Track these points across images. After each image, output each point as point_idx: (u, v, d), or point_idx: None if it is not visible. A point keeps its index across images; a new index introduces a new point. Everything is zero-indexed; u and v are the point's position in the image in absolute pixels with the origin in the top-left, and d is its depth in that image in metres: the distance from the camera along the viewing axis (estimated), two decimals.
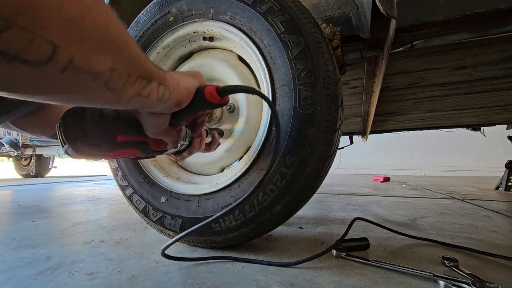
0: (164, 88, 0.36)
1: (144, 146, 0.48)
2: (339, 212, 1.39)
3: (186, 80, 0.42)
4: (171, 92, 0.38)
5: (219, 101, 0.44)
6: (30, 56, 0.21)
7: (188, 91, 0.42)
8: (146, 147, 0.48)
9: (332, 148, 0.71)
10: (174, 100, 0.39)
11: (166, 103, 0.38)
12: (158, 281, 0.58)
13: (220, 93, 0.43)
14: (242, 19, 0.74)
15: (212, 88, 0.43)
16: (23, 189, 2.65)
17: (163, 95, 0.36)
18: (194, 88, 0.43)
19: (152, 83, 0.34)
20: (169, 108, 0.40)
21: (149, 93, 0.34)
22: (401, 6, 0.78)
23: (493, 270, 0.66)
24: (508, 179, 2.55)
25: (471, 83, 1.41)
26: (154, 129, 0.44)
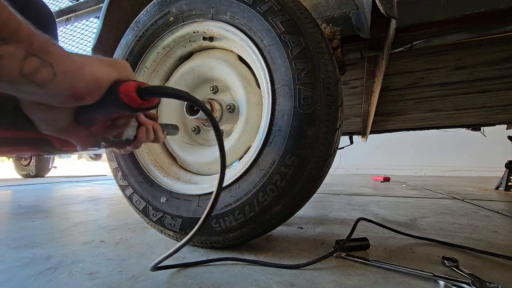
0: (40, 63, 0.26)
1: (44, 144, 0.38)
2: (339, 212, 1.39)
3: (98, 68, 0.31)
4: (58, 75, 0.27)
5: (140, 105, 0.32)
6: None
7: (97, 83, 0.31)
8: (48, 145, 0.39)
9: (332, 148, 0.71)
10: (66, 88, 0.28)
11: (47, 89, 0.27)
12: (158, 281, 0.58)
13: (141, 95, 0.32)
14: (242, 19, 0.74)
15: (132, 86, 0.32)
16: (23, 189, 2.65)
17: (36, 73, 0.26)
18: (109, 81, 0.32)
19: (11, 46, 0.24)
20: (59, 100, 0.29)
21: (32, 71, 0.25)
22: (401, 6, 0.78)
23: (493, 270, 0.66)
24: (508, 179, 2.55)
25: (471, 83, 1.41)
26: (45, 126, 0.33)
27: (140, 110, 0.34)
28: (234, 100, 0.88)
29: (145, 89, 0.32)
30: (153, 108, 0.35)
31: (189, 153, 0.91)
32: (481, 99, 1.68)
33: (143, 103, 0.33)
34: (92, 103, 0.32)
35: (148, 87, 0.33)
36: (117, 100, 0.32)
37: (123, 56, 0.93)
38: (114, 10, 1.10)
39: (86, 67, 0.30)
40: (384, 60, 0.95)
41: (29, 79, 0.25)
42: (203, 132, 0.93)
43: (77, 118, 0.34)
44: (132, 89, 0.32)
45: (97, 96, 0.31)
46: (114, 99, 0.32)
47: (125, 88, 0.32)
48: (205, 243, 0.77)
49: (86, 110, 0.33)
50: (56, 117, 0.32)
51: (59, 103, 0.30)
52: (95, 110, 0.33)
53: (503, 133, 2.99)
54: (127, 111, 0.33)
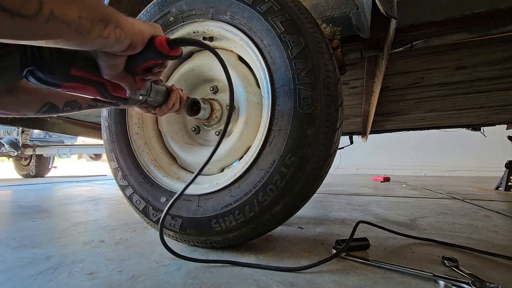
0: (120, 30, 0.41)
1: (101, 87, 0.50)
2: (339, 212, 1.39)
3: (142, 26, 0.45)
4: (126, 34, 0.42)
5: (169, 52, 0.46)
6: (25, 11, 0.29)
7: (142, 36, 0.45)
8: (104, 88, 0.51)
9: (332, 148, 0.71)
10: (128, 40, 0.42)
11: (122, 44, 0.42)
12: (158, 281, 0.58)
13: (170, 44, 0.45)
14: (242, 19, 0.74)
15: (163, 38, 0.45)
16: (23, 189, 2.65)
17: (120, 36, 0.41)
18: (149, 34, 0.46)
19: (110, 25, 0.39)
20: (123, 49, 0.43)
21: (108, 34, 0.39)
22: (401, 6, 0.78)
23: (493, 270, 0.66)
24: (508, 179, 2.55)
25: (471, 83, 1.41)
26: (109, 70, 0.47)
27: (169, 57, 0.47)
28: (234, 100, 0.88)
29: (173, 40, 0.46)
30: (178, 57, 0.49)
31: (189, 153, 0.91)
32: (481, 99, 1.68)
33: (170, 51, 0.46)
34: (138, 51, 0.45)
35: (174, 38, 0.46)
36: (154, 48, 0.45)
37: None
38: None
39: (136, 26, 0.44)
40: (384, 60, 0.95)
41: (118, 41, 0.41)
42: (203, 132, 0.93)
43: (127, 67, 0.47)
44: (163, 40, 0.45)
45: (142, 45, 0.45)
46: (151, 47, 0.45)
47: (159, 39, 0.45)
48: (205, 243, 0.77)
49: (132, 59, 0.46)
50: (118, 63, 0.46)
51: (123, 52, 0.44)
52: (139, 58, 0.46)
53: (503, 133, 2.99)
54: (160, 57, 0.46)
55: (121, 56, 0.45)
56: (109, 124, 0.95)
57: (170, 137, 0.95)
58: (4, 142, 4.37)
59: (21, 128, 4.32)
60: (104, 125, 0.96)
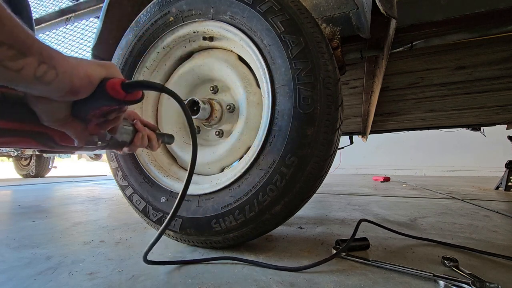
0: (47, 67, 0.32)
1: (42, 137, 0.42)
2: (339, 212, 1.39)
3: (89, 67, 0.37)
4: (59, 75, 0.34)
5: (125, 97, 0.38)
6: None
7: (89, 79, 0.37)
8: (48, 139, 0.43)
9: (332, 148, 0.71)
10: (65, 84, 0.35)
11: (52, 86, 0.34)
12: (158, 281, 0.58)
13: (125, 88, 0.38)
14: (242, 19, 0.74)
15: (117, 81, 0.38)
16: (23, 189, 2.65)
17: (45, 75, 0.33)
18: (98, 77, 0.38)
19: (29, 58, 0.31)
20: (59, 94, 0.35)
21: (21, 67, 0.30)
22: (401, 6, 0.78)
23: (493, 270, 0.66)
24: (508, 179, 2.55)
25: (471, 83, 1.41)
26: (46, 117, 0.39)
27: (126, 103, 0.39)
28: (234, 100, 0.88)
29: (128, 83, 0.38)
30: (138, 101, 0.40)
31: (189, 153, 0.90)
32: (481, 99, 1.68)
33: (127, 95, 0.38)
34: (85, 97, 0.37)
35: (130, 81, 0.39)
36: (105, 94, 0.37)
37: (123, 56, 0.93)
38: (114, 10, 1.10)
39: (80, 66, 0.36)
40: (384, 60, 0.95)
41: (40, 80, 0.32)
42: (203, 132, 0.93)
43: (73, 112, 0.39)
44: (117, 83, 0.38)
45: (88, 90, 0.37)
46: (102, 93, 0.38)
47: (111, 83, 0.37)
48: (205, 243, 0.77)
49: (80, 105, 0.39)
50: (56, 108, 0.38)
51: (59, 97, 0.36)
52: (88, 104, 0.39)
53: (503, 133, 2.99)
54: (114, 103, 0.39)
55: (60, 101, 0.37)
56: None
57: None
58: None
59: None
60: None
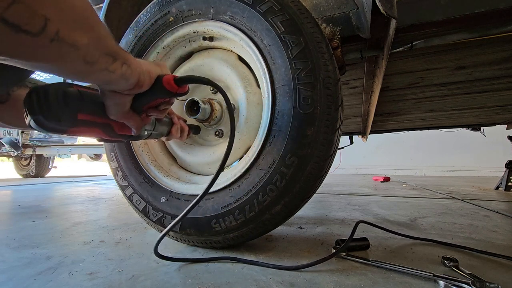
0: (127, 66, 0.41)
1: (107, 128, 0.51)
2: (339, 212, 1.39)
3: (149, 66, 0.46)
4: (133, 71, 0.42)
5: (177, 90, 0.47)
6: (29, 27, 0.27)
7: (149, 75, 0.46)
8: (110, 129, 0.51)
9: (332, 148, 0.71)
10: (135, 78, 0.43)
11: (129, 81, 0.42)
12: (158, 281, 0.58)
13: (177, 82, 0.47)
14: (242, 19, 0.74)
15: (171, 77, 0.47)
16: (23, 189, 2.65)
17: (126, 72, 0.41)
18: (156, 74, 0.47)
19: (118, 61, 0.39)
20: (130, 87, 0.44)
21: (114, 69, 0.39)
22: (401, 6, 0.78)
23: (493, 270, 0.66)
24: (508, 179, 2.55)
25: (471, 83, 1.41)
26: (115, 109, 0.47)
27: (177, 95, 0.49)
28: (234, 100, 0.88)
29: (180, 78, 0.48)
30: (186, 93, 0.50)
31: (189, 153, 0.91)
32: (481, 99, 1.68)
33: (178, 88, 0.48)
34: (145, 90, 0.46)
35: (181, 76, 0.48)
36: (161, 87, 0.47)
37: None
38: (114, 10, 1.10)
39: (143, 65, 0.45)
40: (384, 60, 0.95)
41: (123, 77, 0.42)
42: (203, 132, 0.93)
43: (133, 106, 0.48)
44: (171, 79, 0.47)
45: (149, 84, 0.46)
46: (159, 86, 0.47)
47: (167, 78, 0.47)
48: (205, 243, 0.77)
49: (139, 99, 0.48)
50: (125, 101, 0.47)
51: (130, 90, 0.45)
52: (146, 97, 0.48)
53: (503, 133, 2.99)
54: (167, 95, 0.48)
55: (128, 95, 0.46)
56: None
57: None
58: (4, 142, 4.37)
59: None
60: None
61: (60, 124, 0.43)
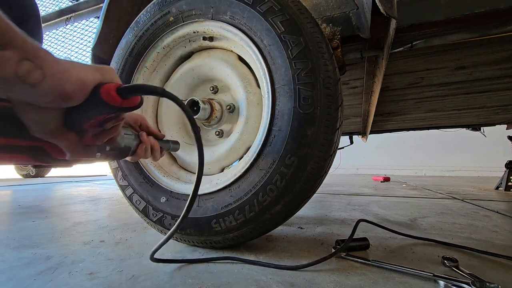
0: (33, 66, 0.28)
1: (37, 152, 0.38)
2: (339, 212, 1.39)
3: (83, 71, 0.33)
4: (47, 77, 0.29)
5: (121, 104, 0.34)
6: None
7: (81, 84, 0.32)
8: (43, 153, 0.38)
9: (332, 148, 0.71)
10: (53, 88, 0.30)
11: (38, 90, 0.30)
12: (158, 281, 0.58)
13: (121, 93, 0.34)
14: (242, 19, 0.74)
15: (112, 86, 0.34)
16: (23, 189, 2.65)
17: (30, 75, 0.28)
18: (93, 82, 0.34)
19: (7, 51, 0.27)
20: (47, 100, 0.31)
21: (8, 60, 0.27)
22: (401, 6, 0.78)
23: (493, 270, 0.66)
24: (508, 179, 2.55)
25: (471, 83, 1.41)
26: (36, 127, 0.34)
27: (123, 110, 0.35)
28: (234, 100, 0.88)
29: (124, 88, 0.34)
30: (136, 107, 0.36)
31: (189, 153, 0.91)
32: (481, 99, 1.68)
33: (123, 102, 0.34)
34: (77, 104, 0.33)
35: (126, 86, 0.34)
36: (100, 101, 0.33)
37: (123, 56, 0.93)
38: (114, 10, 1.10)
39: (72, 69, 0.32)
40: (384, 60, 0.95)
41: (23, 80, 0.28)
42: (203, 132, 0.93)
43: (66, 122, 0.35)
44: (112, 89, 0.33)
45: (81, 96, 0.33)
46: (97, 99, 0.33)
47: (106, 88, 0.33)
48: (205, 243, 0.77)
49: (73, 114, 0.34)
50: (46, 118, 0.34)
51: (48, 103, 0.31)
52: (82, 112, 0.35)
53: (503, 133, 2.99)
54: (109, 110, 0.35)
55: (51, 109, 0.33)
56: None
57: (170, 137, 0.95)
58: None
59: None
60: None
61: None
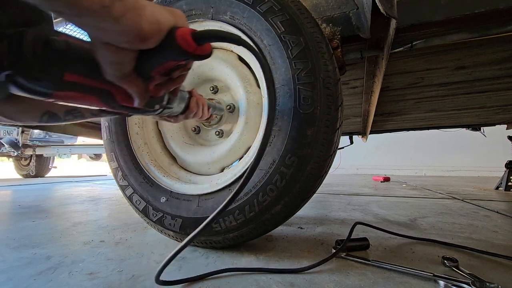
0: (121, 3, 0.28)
1: (106, 95, 0.39)
2: (339, 212, 1.39)
3: (159, 12, 0.33)
4: (127, 12, 0.29)
5: (195, 50, 0.34)
6: None
7: (158, 25, 0.32)
8: (110, 97, 0.39)
9: (332, 148, 0.71)
10: (132, 27, 0.30)
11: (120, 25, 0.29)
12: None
13: (196, 39, 0.33)
14: (242, 19, 0.74)
15: (188, 30, 0.33)
16: (23, 189, 2.65)
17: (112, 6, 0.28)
18: (168, 24, 0.33)
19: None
20: (127, 38, 0.31)
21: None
22: (401, 6, 0.78)
23: (493, 270, 0.66)
24: (508, 179, 2.55)
25: (471, 83, 1.41)
26: (111, 70, 0.35)
27: (195, 57, 0.35)
28: (234, 100, 0.88)
29: (200, 33, 0.34)
30: (207, 56, 0.36)
31: (189, 153, 0.91)
32: (481, 99, 1.68)
33: (197, 48, 0.34)
34: (152, 46, 0.33)
35: (202, 31, 0.34)
36: (174, 45, 0.33)
37: None
38: None
39: (148, 8, 0.32)
40: (384, 60, 0.95)
41: (107, 11, 0.28)
42: (203, 132, 0.93)
43: (137, 67, 0.36)
44: (187, 33, 0.33)
45: (157, 38, 0.33)
46: (171, 43, 0.33)
47: (182, 32, 0.33)
48: (205, 243, 0.77)
49: (145, 58, 0.35)
50: (123, 60, 0.34)
51: (127, 42, 0.32)
52: (153, 57, 0.35)
53: (503, 133, 2.99)
54: (182, 56, 0.35)
55: (128, 50, 0.33)
56: (109, 124, 0.94)
57: (170, 137, 0.95)
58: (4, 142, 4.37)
59: (21, 128, 4.32)
60: (104, 125, 0.96)
61: (41, 84, 0.32)
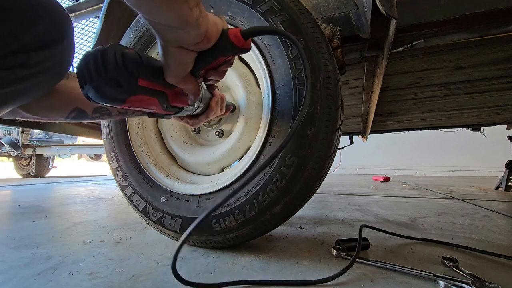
0: (200, 10, 0.36)
1: (163, 98, 0.47)
2: (339, 212, 1.39)
3: (213, 16, 0.41)
4: (204, 18, 0.38)
5: (243, 45, 0.43)
6: None
7: (217, 27, 0.41)
8: (165, 99, 0.48)
9: (332, 148, 0.71)
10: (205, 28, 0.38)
11: (200, 29, 0.38)
12: (158, 281, 0.58)
13: (244, 35, 0.42)
14: (242, 19, 0.74)
15: (237, 29, 0.42)
16: (23, 189, 2.65)
17: (200, 16, 0.37)
18: (222, 26, 0.43)
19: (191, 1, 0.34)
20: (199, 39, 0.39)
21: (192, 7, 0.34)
22: (401, 6, 0.78)
23: (493, 270, 0.66)
24: (508, 179, 2.55)
25: (471, 83, 1.41)
26: (177, 70, 0.43)
27: (243, 50, 0.44)
28: (234, 100, 0.88)
29: (246, 30, 0.43)
30: (250, 49, 0.45)
31: (189, 153, 0.91)
32: (481, 99, 1.68)
33: (244, 43, 0.43)
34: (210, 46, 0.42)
35: (248, 28, 0.43)
36: (228, 42, 0.42)
37: None
38: (114, 10, 1.10)
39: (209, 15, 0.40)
40: (384, 60, 0.95)
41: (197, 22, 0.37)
42: (203, 132, 0.93)
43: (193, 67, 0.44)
44: (237, 31, 0.42)
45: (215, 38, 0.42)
46: (226, 41, 0.42)
47: (233, 31, 0.42)
48: (205, 243, 0.77)
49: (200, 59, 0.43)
50: (188, 60, 0.42)
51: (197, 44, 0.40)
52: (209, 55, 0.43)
53: (503, 133, 2.99)
54: (233, 50, 0.43)
55: (193, 51, 0.41)
56: (109, 124, 0.95)
57: (170, 137, 0.95)
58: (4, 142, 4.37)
59: (21, 128, 4.32)
60: (104, 125, 0.96)
61: (121, 90, 0.39)
